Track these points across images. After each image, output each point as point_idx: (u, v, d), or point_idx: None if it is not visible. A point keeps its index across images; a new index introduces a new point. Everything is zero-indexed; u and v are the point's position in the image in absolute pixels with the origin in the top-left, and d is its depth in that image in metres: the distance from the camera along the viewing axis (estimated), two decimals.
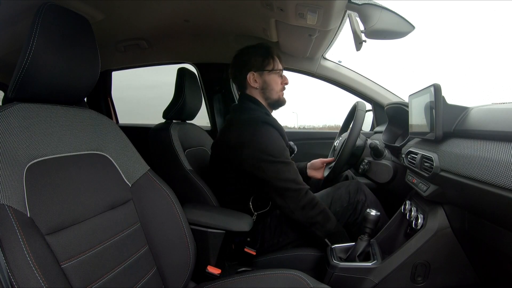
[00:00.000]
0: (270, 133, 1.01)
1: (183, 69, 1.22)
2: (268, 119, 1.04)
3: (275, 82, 1.11)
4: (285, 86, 1.14)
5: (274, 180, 0.98)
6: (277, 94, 1.12)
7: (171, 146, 1.10)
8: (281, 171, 0.98)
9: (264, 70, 1.10)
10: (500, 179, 0.52)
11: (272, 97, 1.12)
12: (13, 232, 0.46)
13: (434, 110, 0.73)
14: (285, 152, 1.01)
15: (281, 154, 1.00)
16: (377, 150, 1.13)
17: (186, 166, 1.09)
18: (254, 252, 1.03)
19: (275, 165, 0.98)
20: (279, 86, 1.12)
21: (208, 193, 1.08)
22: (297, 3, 0.91)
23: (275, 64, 1.11)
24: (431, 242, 0.79)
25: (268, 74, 1.10)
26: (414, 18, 1.21)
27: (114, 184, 0.69)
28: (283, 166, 0.98)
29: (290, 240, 1.05)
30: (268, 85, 1.10)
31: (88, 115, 0.70)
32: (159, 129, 1.17)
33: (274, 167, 0.98)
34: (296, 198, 0.98)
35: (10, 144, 0.52)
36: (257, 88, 1.11)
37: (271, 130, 1.02)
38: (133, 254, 0.67)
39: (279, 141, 1.02)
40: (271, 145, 0.99)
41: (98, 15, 1.13)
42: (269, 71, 1.10)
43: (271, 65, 1.10)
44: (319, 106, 4.27)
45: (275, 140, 1.01)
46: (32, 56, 0.56)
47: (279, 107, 1.17)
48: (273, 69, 1.10)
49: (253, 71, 1.10)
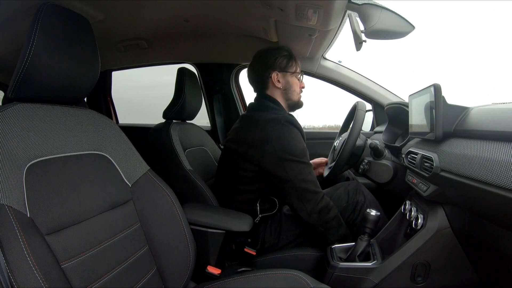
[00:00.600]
0: (294, 133, 1.01)
1: (183, 69, 1.22)
2: (292, 119, 1.05)
3: (296, 84, 1.13)
4: (302, 89, 1.17)
5: (296, 180, 0.97)
6: (297, 95, 1.15)
7: (171, 146, 1.10)
8: (303, 172, 0.98)
9: (287, 72, 1.12)
10: (500, 179, 0.52)
11: (293, 98, 1.14)
12: (13, 232, 0.46)
13: (434, 110, 0.73)
14: (307, 153, 1.02)
15: (303, 154, 1.00)
16: (377, 150, 1.13)
17: (186, 166, 1.09)
18: (254, 252, 1.03)
19: (297, 165, 0.98)
20: (298, 88, 1.15)
21: (207, 193, 1.08)
22: (297, 3, 0.91)
23: (297, 67, 1.14)
24: (431, 242, 0.79)
25: (291, 76, 1.12)
26: (414, 18, 1.21)
27: (114, 184, 0.69)
28: (305, 167, 0.99)
29: (290, 241, 1.05)
30: (290, 86, 1.12)
31: (88, 115, 0.70)
32: (159, 129, 1.17)
33: (296, 167, 0.98)
34: (314, 201, 0.98)
35: (10, 144, 0.52)
36: (279, 88, 1.12)
37: (295, 131, 1.02)
38: (133, 254, 0.67)
39: (301, 141, 1.03)
40: (295, 145, 0.99)
41: (98, 15, 1.13)
42: (292, 73, 1.12)
43: (293, 67, 1.12)
44: (319, 106, 4.27)
45: (299, 140, 1.01)
46: (32, 56, 0.56)
47: (296, 109, 1.19)
48: (296, 71, 1.13)
49: (278, 71, 1.10)
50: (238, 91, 1.81)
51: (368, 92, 1.55)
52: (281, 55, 1.11)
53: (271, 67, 1.10)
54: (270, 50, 1.13)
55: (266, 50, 1.14)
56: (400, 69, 7.59)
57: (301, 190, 0.98)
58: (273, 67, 1.10)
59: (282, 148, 0.98)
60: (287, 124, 1.01)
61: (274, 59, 1.10)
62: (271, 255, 1.04)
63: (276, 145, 0.98)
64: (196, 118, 1.35)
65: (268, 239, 1.05)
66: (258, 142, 1.00)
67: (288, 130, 1.01)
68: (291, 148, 0.98)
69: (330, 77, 1.58)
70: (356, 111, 1.12)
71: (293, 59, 1.12)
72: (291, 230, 1.05)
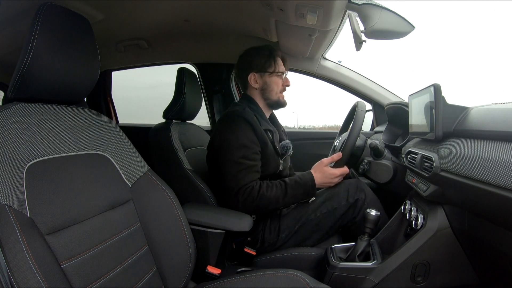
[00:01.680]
0: (239, 127, 1.02)
1: (183, 69, 1.22)
2: (243, 114, 1.05)
3: (275, 84, 1.13)
4: (286, 87, 1.17)
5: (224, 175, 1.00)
6: (276, 95, 1.14)
7: (171, 146, 1.10)
8: (230, 167, 0.99)
9: (265, 72, 1.12)
10: (500, 179, 0.52)
11: (271, 98, 1.14)
12: (13, 232, 0.46)
13: (434, 110, 0.73)
14: (243, 149, 1.00)
15: (237, 149, 0.99)
16: (377, 150, 1.13)
17: (186, 166, 1.09)
18: (254, 252, 1.03)
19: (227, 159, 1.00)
20: (280, 87, 1.15)
21: (207, 193, 1.08)
22: (297, 3, 0.91)
23: (277, 67, 1.13)
24: (431, 242, 0.79)
25: (269, 76, 1.13)
26: (414, 18, 1.21)
27: (114, 184, 0.69)
28: (232, 163, 0.99)
29: (288, 239, 1.05)
30: (268, 86, 1.13)
31: (88, 115, 0.70)
32: (159, 129, 1.17)
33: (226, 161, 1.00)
34: (233, 193, 0.98)
35: (10, 144, 0.52)
36: (256, 89, 1.14)
37: (242, 125, 1.03)
38: (133, 254, 0.67)
39: (243, 137, 1.01)
40: (234, 139, 1.00)
41: (98, 15, 1.13)
42: (270, 73, 1.12)
43: (272, 67, 1.12)
44: (319, 106, 4.20)
45: (239, 136, 1.01)
46: (32, 56, 0.56)
47: (278, 108, 1.19)
48: (274, 71, 1.12)
49: (255, 72, 1.13)
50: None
51: (368, 92, 1.55)
52: (259, 56, 1.12)
53: (248, 68, 1.13)
54: (249, 51, 1.15)
55: (246, 50, 1.16)
56: (400, 69, 7.60)
57: (225, 184, 1.00)
58: (250, 68, 1.13)
59: (220, 141, 1.02)
60: (235, 118, 1.04)
61: (250, 60, 1.13)
62: (271, 255, 1.04)
63: (219, 138, 1.03)
64: (197, 118, 1.35)
65: (267, 238, 1.05)
66: (213, 135, 1.07)
67: (234, 123, 1.03)
68: (226, 140, 1.01)
69: (330, 77, 1.58)
70: (356, 111, 1.12)
71: (272, 59, 1.12)
72: (289, 228, 1.05)
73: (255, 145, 1.02)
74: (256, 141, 1.03)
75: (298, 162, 1.72)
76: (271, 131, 1.11)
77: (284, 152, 1.14)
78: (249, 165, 1.00)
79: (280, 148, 1.12)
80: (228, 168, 0.99)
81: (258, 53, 1.13)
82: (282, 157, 1.13)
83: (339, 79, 1.56)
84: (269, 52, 1.13)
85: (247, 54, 1.15)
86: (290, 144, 1.15)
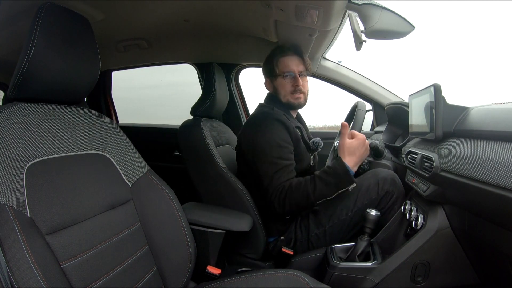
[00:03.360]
0: (270, 127, 1.02)
1: (212, 65, 1.19)
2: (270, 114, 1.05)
3: (282, 87, 1.13)
4: (297, 88, 1.11)
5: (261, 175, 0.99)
6: (285, 97, 1.13)
7: (204, 143, 1.06)
8: (264, 168, 0.98)
9: (271, 77, 1.15)
10: (500, 179, 0.52)
11: (282, 101, 1.14)
12: (13, 232, 0.46)
13: (434, 110, 0.73)
14: (278, 150, 0.99)
15: (271, 149, 0.98)
16: (377, 150, 1.13)
17: (221, 164, 1.05)
18: (292, 252, 1.02)
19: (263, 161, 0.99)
20: (288, 89, 1.12)
21: (244, 192, 1.04)
22: (297, 3, 0.91)
23: (280, 68, 1.12)
24: (431, 242, 0.79)
25: (275, 80, 1.14)
26: (414, 18, 1.21)
27: (114, 184, 0.69)
28: (267, 164, 0.98)
29: (320, 236, 1.03)
30: (276, 89, 1.15)
31: (88, 115, 0.70)
32: (189, 125, 1.13)
33: (262, 163, 0.99)
34: (269, 196, 0.97)
35: (10, 144, 0.52)
36: (271, 92, 1.18)
37: (274, 125, 1.02)
38: (133, 254, 0.67)
39: (274, 137, 1.00)
40: (266, 140, 1.00)
41: (98, 15, 1.13)
42: (275, 77, 1.14)
43: (274, 71, 1.13)
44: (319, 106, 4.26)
45: (270, 137, 1.00)
46: (32, 56, 0.56)
47: (293, 109, 1.18)
48: (277, 74, 1.13)
49: (266, 77, 1.18)
50: (238, 91, 1.81)
51: (368, 92, 1.55)
52: (266, 62, 1.16)
53: (263, 73, 1.19)
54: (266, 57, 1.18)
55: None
56: (400, 69, 7.58)
57: (263, 186, 0.98)
58: (263, 73, 1.19)
59: (253, 143, 1.01)
60: (266, 119, 1.04)
61: (263, 65, 1.18)
62: (308, 254, 1.02)
63: (251, 140, 1.02)
64: None
65: (299, 236, 1.04)
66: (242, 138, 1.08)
67: (265, 124, 1.02)
68: (259, 143, 1.00)
69: (330, 77, 1.58)
70: (356, 111, 1.12)
71: (272, 62, 1.13)
72: (319, 227, 1.03)
73: (289, 144, 1.02)
74: (289, 140, 1.03)
75: None
76: (300, 128, 1.12)
77: (315, 148, 1.14)
78: (285, 164, 0.98)
79: (312, 144, 1.13)
80: (265, 169, 0.97)
81: (267, 59, 1.16)
82: (312, 153, 1.14)
83: (339, 79, 1.56)
84: (271, 55, 1.14)
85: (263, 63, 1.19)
86: (321, 141, 1.15)
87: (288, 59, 1.12)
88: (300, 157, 1.06)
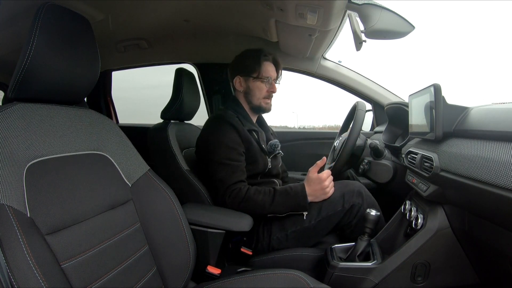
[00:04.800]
0: (222, 129, 1.05)
1: (181, 69, 1.22)
2: (225, 116, 1.08)
3: (258, 89, 1.14)
4: (271, 94, 1.16)
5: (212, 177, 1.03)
6: (258, 100, 1.15)
7: (168, 146, 1.10)
8: (215, 170, 1.02)
9: (249, 76, 1.14)
10: (500, 179, 0.52)
11: (253, 103, 1.15)
12: (13, 232, 0.46)
13: (434, 110, 0.73)
14: (226, 151, 1.02)
15: (222, 151, 1.02)
16: (377, 150, 1.13)
17: (183, 166, 1.09)
18: (250, 252, 1.03)
19: (213, 162, 1.03)
20: (263, 93, 1.14)
21: (204, 193, 1.08)
22: (297, 3, 0.91)
23: (262, 72, 1.13)
24: (431, 242, 0.79)
25: (253, 81, 1.14)
26: (414, 18, 1.21)
27: (114, 184, 0.69)
28: (217, 165, 1.02)
29: (281, 242, 1.04)
30: (250, 90, 1.15)
31: (88, 115, 0.70)
32: (157, 129, 1.18)
33: (213, 164, 1.03)
34: (220, 194, 1.01)
35: (10, 144, 0.52)
36: (241, 92, 1.17)
37: (226, 127, 1.05)
38: (133, 254, 0.67)
39: (226, 140, 1.03)
40: (218, 142, 1.03)
41: (98, 15, 1.13)
42: (254, 78, 1.13)
43: (256, 72, 1.13)
44: (319, 106, 4.21)
45: (221, 140, 1.03)
46: (32, 56, 0.56)
47: (260, 113, 1.21)
48: (258, 76, 1.13)
49: (240, 75, 1.15)
50: None
51: (368, 92, 1.55)
52: (246, 59, 1.15)
53: (235, 71, 1.16)
54: (242, 53, 1.17)
55: (241, 53, 1.18)
56: (400, 69, 7.61)
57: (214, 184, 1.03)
58: (237, 71, 1.16)
59: (205, 143, 1.06)
60: (217, 121, 1.08)
61: (238, 63, 1.16)
62: (268, 255, 1.04)
63: (205, 141, 1.07)
64: (198, 118, 1.35)
65: (260, 238, 1.05)
66: (198, 141, 1.11)
67: (217, 126, 1.06)
68: (210, 144, 1.04)
69: (330, 77, 1.58)
70: (356, 111, 1.12)
71: (257, 64, 1.13)
72: (281, 232, 1.04)
73: (238, 146, 1.04)
74: (239, 142, 1.05)
75: (298, 162, 1.72)
76: (255, 131, 1.13)
77: (272, 151, 1.15)
78: (234, 165, 1.02)
79: (268, 147, 1.15)
80: (214, 168, 1.02)
81: (246, 56, 1.15)
82: (269, 156, 1.14)
83: (339, 79, 1.56)
84: (256, 57, 1.14)
85: (237, 57, 1.18)
86: (278, 143, 1.17)
87: (269, 65, 1.15)
88: (254, 159, 1.08)
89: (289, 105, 4.49)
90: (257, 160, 1.09)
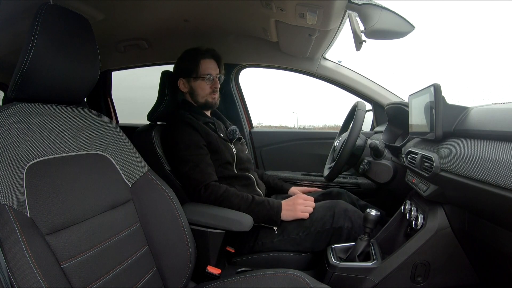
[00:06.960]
0: (183, 130, 1.08)
1: (166, 72, 1.24)
2: (184, 118, 1.11)
3: (201, 88, 1.18)
4: (215, 89, 1.18)
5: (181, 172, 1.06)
6: (203, 98, 1.18)
7: (152, 147, 1.12)
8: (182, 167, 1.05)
9: (190, 77, 1.17)
10: (500, 179, 0.52)
11: (199, 101, 1.19)
12: (13, 232, 0.46)
13: (434, 110, 0.73)
14: (187, 148, 1.06)
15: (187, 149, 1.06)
16: (377, 150, 1.13)
17: (167, 167, 1.11)
18: (233, 250, 1.05)
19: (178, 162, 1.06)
20: (207, 90, 1.17)
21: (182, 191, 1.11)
22: (297, 3, 0.91)
23: (200, 70, 1.16)
24: (431, 242, 0.79)
25: (194, 81, 1.17)
26: (414, 18, 1.20)
27: (114, 184, 0.69)
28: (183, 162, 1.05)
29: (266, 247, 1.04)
30: (194, 90, 1.18)
31: (88, 115, 0.70)
32: (142, 131, 1.19)
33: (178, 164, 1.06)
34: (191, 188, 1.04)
35: (10, 144, 0.52)
36: (186, 93, 1.21)
37: (185, 128, 1.09)
38: (133, 254, 0.67)
39: (187, 139, 1.07)
40: (182, 141, 1.06)
41: (98, 15, 1.13)
42: (194, 78, 1.16)
43: (195, 72, 1.16)
44: (319, 106, 4.24)
45: (183, 139, 1.07)
46: (32, 56, 0.56)
47: (209, 109, 1.24)
48: (198, 76, 1.16)
49: (182, 77, 1.19)
50: (238, 91, 1.81)
51: (368, 92, 1.55)
52: (184, 61, 1.18)
53: (177, 74, 1.20)
54: (180, 56, 1.20)
55: (178, 58, 1.21)
56: (400, 69, 7.62)
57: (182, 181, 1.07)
58: (179, 74, 1.19)
59: (169, 145, 1.10)
60: (174, 123, 1.11)
61: (178, 66, 1.20)
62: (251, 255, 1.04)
63: (169, 142, 1.10)
64: None
65: (244, 240, 1.06)
66: (163, 142, 1.14)
67: (174, 127, 1.10)
68: (173, 145, 1.08)
69: (330, 77, 1.57)
70: (356, 111, 1.12)
71: (194, 63, 1.15)
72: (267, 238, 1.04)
73: (197, 141, 1.08)
74: (197, 138, 1.08)
75: (298, 162, 1.72)
76: (211, 122, 1.18)
77: (232, 137, 1.21)
78: (198, 159, 1.05)
79: (228, 133, 1.21)
80: (181, 166, 1.05)
81: (183, 58, 1.18)
82: (231, 142, 1.19)
83: (339, 79, 1.56)
84: (193, 56, 1.16)
85: (178, 59, 1.20)
86: (236, 128, 1.24)
87: (208, 62, 1.17)
88: (217, 148, 1.11)
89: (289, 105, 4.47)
90: (220, 148, 1.12)
